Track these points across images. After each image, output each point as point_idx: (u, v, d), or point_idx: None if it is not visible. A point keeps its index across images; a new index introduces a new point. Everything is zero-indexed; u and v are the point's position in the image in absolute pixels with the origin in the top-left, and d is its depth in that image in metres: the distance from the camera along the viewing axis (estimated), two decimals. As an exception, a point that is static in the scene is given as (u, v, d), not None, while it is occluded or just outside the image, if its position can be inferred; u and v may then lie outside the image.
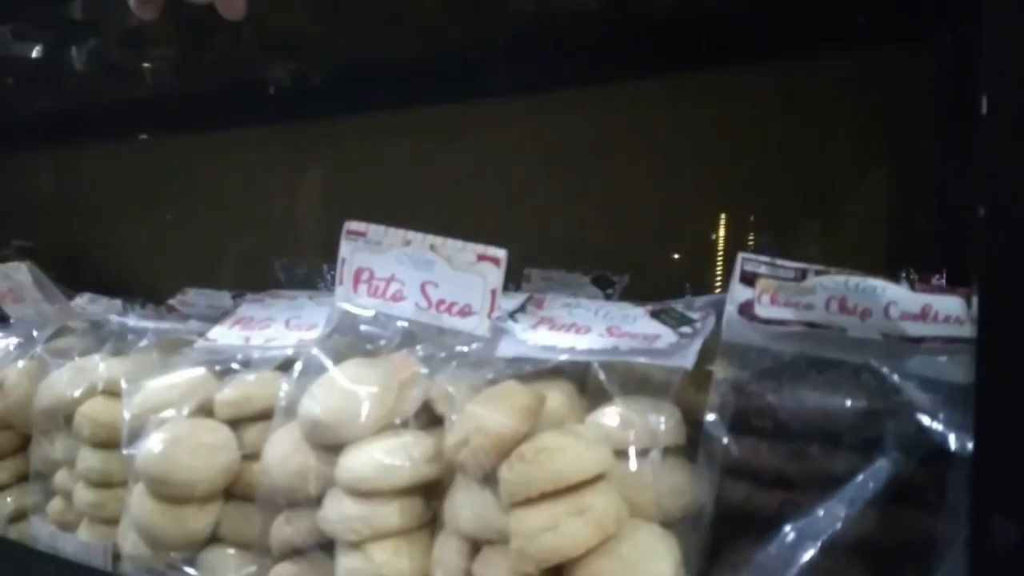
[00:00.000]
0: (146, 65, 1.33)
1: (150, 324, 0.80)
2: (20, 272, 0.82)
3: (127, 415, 0.66)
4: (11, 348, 0.85)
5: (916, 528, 0.43)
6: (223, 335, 0.75)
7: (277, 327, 0.74)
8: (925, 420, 0.43)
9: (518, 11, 0.98)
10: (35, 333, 0.84)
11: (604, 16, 0.97)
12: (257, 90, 1.44)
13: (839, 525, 0.43)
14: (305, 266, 1.17)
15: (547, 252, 1.01)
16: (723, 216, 1.01)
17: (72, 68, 1.42)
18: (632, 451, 0.50)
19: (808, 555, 0.42)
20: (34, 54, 1.26)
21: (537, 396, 0.53)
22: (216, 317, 0.83)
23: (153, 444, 0.62)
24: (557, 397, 0.56)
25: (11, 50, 1.33)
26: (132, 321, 0.80)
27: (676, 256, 1.07)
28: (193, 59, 1.27)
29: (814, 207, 0.98)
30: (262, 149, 1.52)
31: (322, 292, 0.84)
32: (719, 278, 1.03)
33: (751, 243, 1.01)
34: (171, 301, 1.00)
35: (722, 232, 1.02)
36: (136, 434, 0.65)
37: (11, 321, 0.91)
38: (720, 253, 1.03)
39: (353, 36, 1.21)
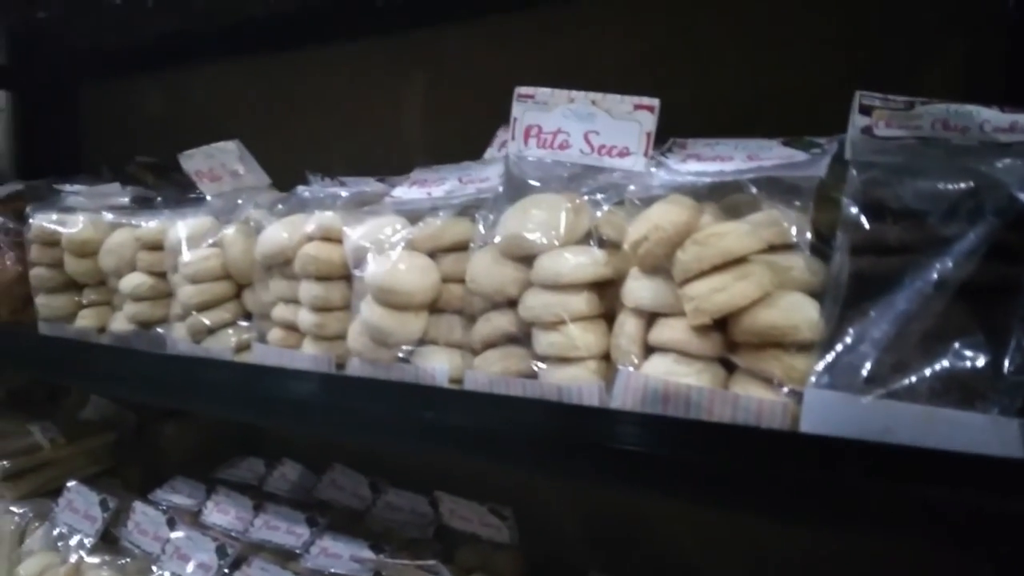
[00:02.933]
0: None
1: (340, 190, 0.96)
2: (227, 150, 0.99)
3: (350, 249, 0.83)
4: (218, 216, 1.03)
5: (1006, 274, 0.57)
6: (405, 193, 0.92)
7: (452, 183, 0.90)
8: (1015, 193, 0.57)
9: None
10: (239, 201, 1.02)
11: None
12: (363, 4, 1.56)
13: (948, 274, 0.57)
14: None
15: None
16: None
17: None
18: (781, 241, 0.65)
19: (926, 295, 0.57)
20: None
21: (696, 201, 0.68)
22: (371, 195, 1.00)
23: (379, 265, 0.79)
24: (710, 210, 0.71)
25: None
26: (324, 189, 0.97)
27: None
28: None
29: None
30: (367, 61, 1.64)
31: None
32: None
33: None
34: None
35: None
36: (359, 262, 0.83)
37: (208, 197, 1.08)
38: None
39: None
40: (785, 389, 0.61)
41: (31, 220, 1.19)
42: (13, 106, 2.29)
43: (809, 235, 0.64)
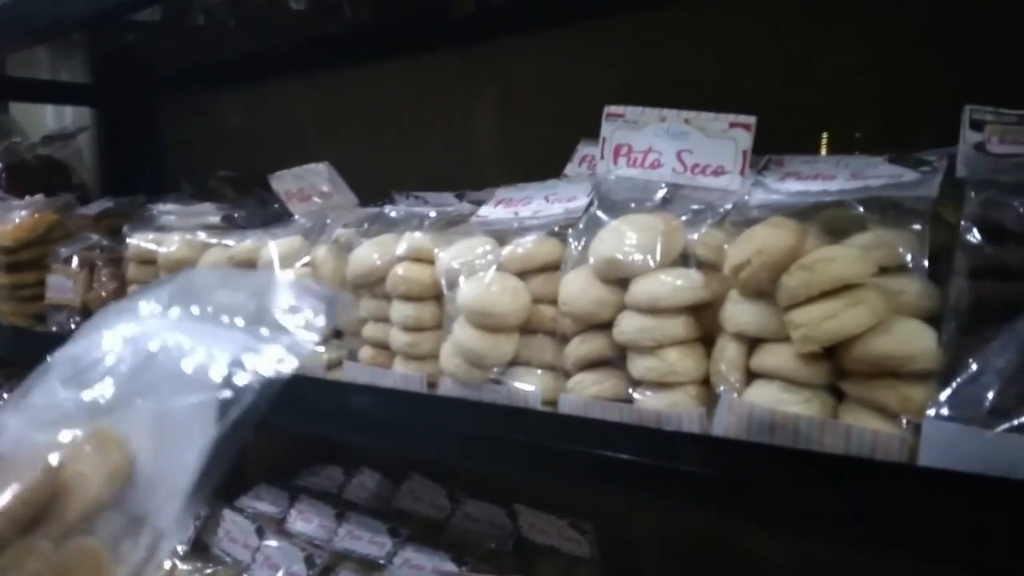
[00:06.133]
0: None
1: (426, 209, 0.97)
2: (316, 172, 1.01)
3: (442, 270, 0.84)
4: (307, 235, 1.05)
5: None
6: (491, 212, 0.92)
7: (538, 202, 0.90)
8: None
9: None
10: (328, 221, 1.04)
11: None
12: (436, 17, 1.57)
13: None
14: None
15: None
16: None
17: (269, 10, 1.59)
18: (893, 264, 0.63)
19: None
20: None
21: (801, 224, 0.66)
22: (450, 211, 1.01)
23: (473, 287, 0.80)
24: (812, 231, 0.69)
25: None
26: (410, 208, 0.98)
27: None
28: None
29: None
30: (439, 73, 1.66)
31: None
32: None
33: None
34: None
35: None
36: (451, 284, 0.84)
37: (296, 217, 1.11)
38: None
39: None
40: (902, 420, 0.59)
41: (128, 240, 1.24)
42: (97, 124, 2.39)
43: (926, 259, 0.62)
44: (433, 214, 0.96)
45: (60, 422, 0.42)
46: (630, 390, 0.74)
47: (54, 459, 0.39)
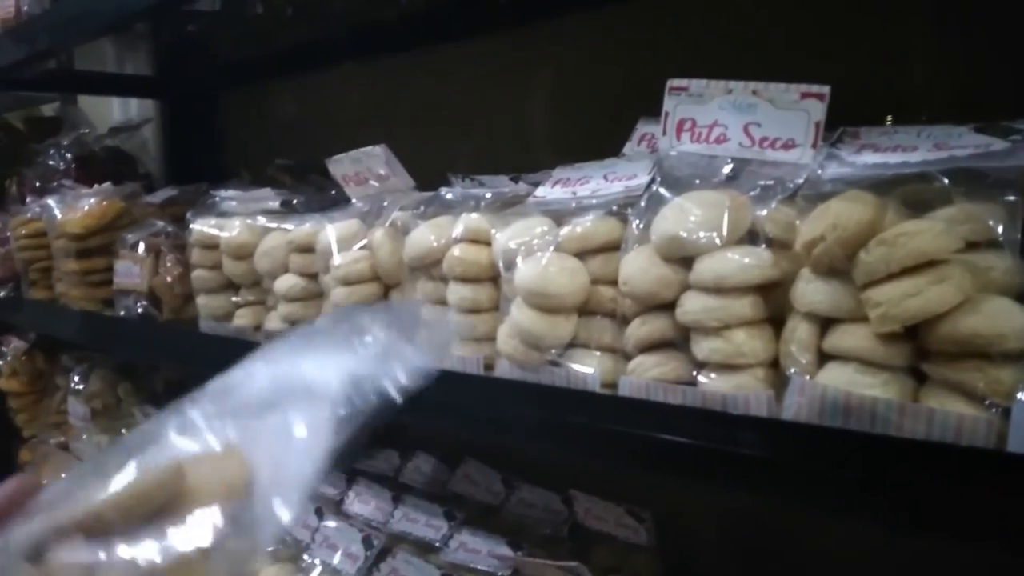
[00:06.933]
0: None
1: (482, 191, 0.96)
2: (373, 154, 1.01)
3: (500, 251, 0.83)
4: (364, 218, 1.05)
5: None
6: (549, 192, 0.90)
7: (597, 181, 0.88)
8: None
9: None
10: (384, 203, 1.04)
11: None
12: (488, 1, 1.56)
13: None
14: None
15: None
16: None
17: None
18: (980, 239, 0.59)
19: None
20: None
21: (880, 198, 0.63)
22: (506, 192, 0.99)
23: (531, 268, 0.79)
24: (891, 205, 0.65)
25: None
26: (467, 190, 0.97)
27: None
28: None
29: None
30: (491, 57, 1.64)
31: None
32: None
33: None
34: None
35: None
36: (508, 265, 0.82)
37: (353, 201, 1.11)
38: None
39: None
40: (989, 404, 0.55)
41: (192, 225, 1.27)
42: (161, 115, 2.46)
43: (1019, 233, 0.58)
44: (489, 195, 0.95)
45: (194, 435, 0.44)
46: (693, 372, 0.71)
47: (177, 463, 0.41)
